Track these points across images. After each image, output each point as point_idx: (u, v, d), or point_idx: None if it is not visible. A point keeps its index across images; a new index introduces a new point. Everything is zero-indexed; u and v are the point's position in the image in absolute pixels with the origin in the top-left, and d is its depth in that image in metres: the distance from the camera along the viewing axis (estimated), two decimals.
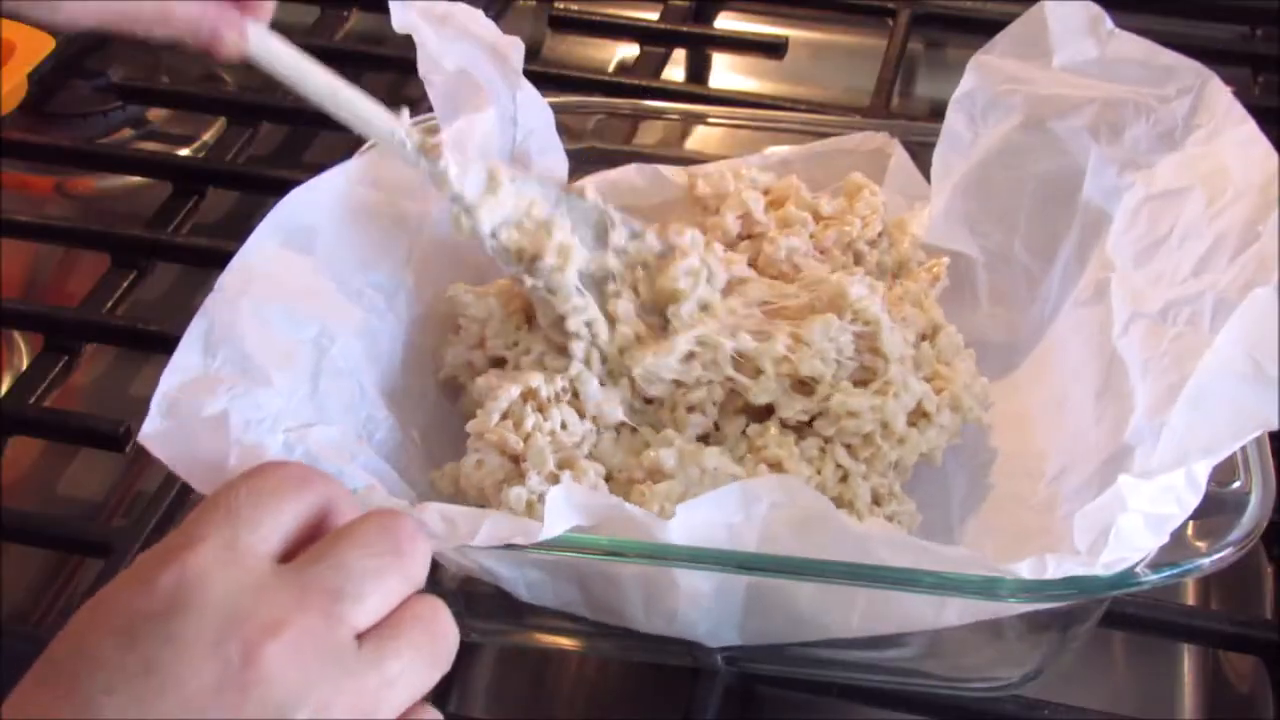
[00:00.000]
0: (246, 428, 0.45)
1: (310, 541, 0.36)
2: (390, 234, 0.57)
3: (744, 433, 0.53)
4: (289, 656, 0.33)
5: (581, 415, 0.52)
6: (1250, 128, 0.52)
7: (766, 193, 0.62)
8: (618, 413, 0.52)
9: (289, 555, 0.36)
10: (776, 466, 0.51)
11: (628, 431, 0.53)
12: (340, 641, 0.34)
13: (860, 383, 0.53)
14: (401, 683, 0.35)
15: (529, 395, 0.51)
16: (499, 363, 0.56)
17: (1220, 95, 0.54)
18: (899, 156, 0.64)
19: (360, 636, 0.35)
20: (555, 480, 0.49)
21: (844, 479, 0.52)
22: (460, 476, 0.51)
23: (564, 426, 0.51)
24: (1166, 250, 0.52)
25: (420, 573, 0.37)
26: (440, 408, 0.57)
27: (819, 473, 0.52)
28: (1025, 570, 0.42)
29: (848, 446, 0.52)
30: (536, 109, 0.63)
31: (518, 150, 0.64)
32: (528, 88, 0.62)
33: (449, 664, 0.37)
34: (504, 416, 0.51)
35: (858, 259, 0.60)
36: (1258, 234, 0.48)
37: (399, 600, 0.36)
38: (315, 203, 0.54)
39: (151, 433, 0.45)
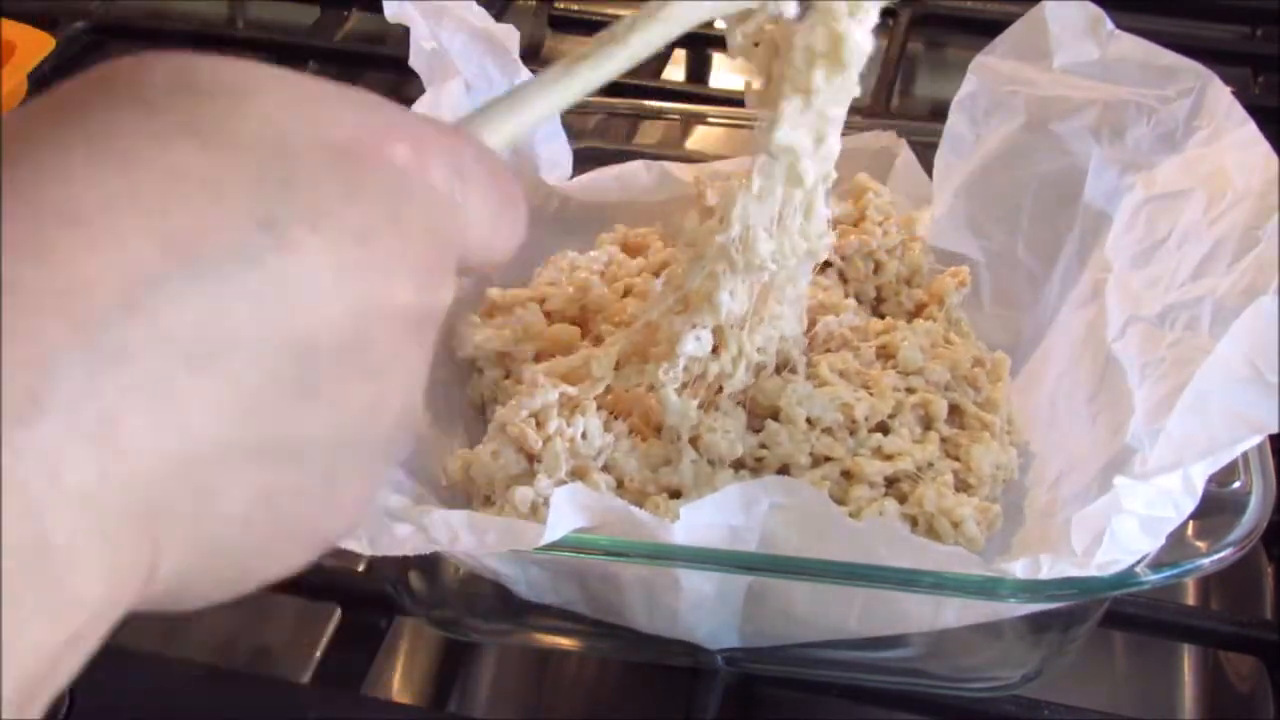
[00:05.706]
0: None
1: None
2: None
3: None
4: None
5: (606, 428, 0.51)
6: (1250, 129, 0.52)
7: None
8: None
9: None
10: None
11: (641, 442, 0.53)
12: None
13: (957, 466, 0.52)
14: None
15: (567, 400, 0.51)
16: (540, 357, 0.55)
17: (1221, 96, 0.53)
18: (905, 156, 0.64)
19: None
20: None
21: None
22: (473, 464, 0.51)
23: (584, 436, 0.50)
24: (1165, 253, 0.52)
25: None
26: (449, 392, 0.57)
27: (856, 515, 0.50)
28: (1020, 570, 0.42)
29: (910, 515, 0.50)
30: None
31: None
32: (526, 76, 0.62)
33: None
34: (530, 413, 0.50)
35: (878, 268, 0.59)
36: (1257, 239, 0.48)
37: None
38: None
39: None
